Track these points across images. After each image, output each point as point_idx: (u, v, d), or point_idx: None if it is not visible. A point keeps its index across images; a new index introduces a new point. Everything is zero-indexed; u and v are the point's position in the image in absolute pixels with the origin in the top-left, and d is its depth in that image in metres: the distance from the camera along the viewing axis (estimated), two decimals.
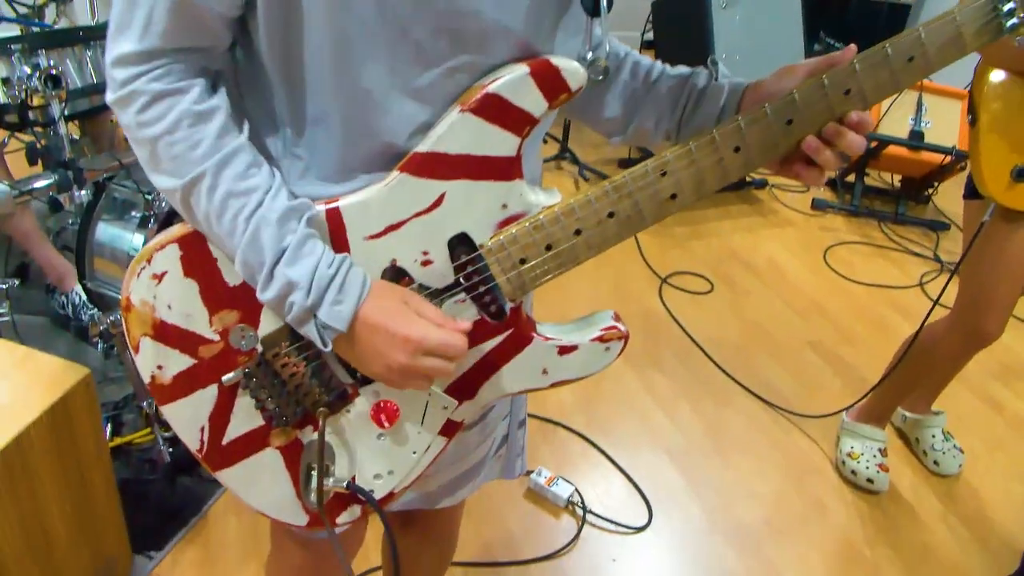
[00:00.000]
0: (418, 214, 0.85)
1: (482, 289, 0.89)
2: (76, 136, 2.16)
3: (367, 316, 0.82)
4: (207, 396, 0.92)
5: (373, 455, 0.97)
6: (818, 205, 3.73)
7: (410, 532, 1.37)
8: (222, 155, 0.79)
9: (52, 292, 2.44)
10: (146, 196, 1.83)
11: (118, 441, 2.00)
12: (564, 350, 0.94)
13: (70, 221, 2.12)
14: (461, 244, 0.87)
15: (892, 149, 3.48)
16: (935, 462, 2.30)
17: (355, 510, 1.00)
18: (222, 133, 0.80)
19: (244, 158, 0.81)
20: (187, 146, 0.79)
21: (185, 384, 0.91)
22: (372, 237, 0.86)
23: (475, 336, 0.90)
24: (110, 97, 0.80)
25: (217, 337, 0.89)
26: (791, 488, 2.22)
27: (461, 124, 0.82)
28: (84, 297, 2.28)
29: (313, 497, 0.93)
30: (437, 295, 0.89)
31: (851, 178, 3.82)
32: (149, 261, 0.87)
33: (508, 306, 0.91)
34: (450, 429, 0.97)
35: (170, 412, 0.93)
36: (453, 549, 1.47)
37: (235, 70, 0.87)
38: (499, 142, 0.83)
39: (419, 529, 1.37)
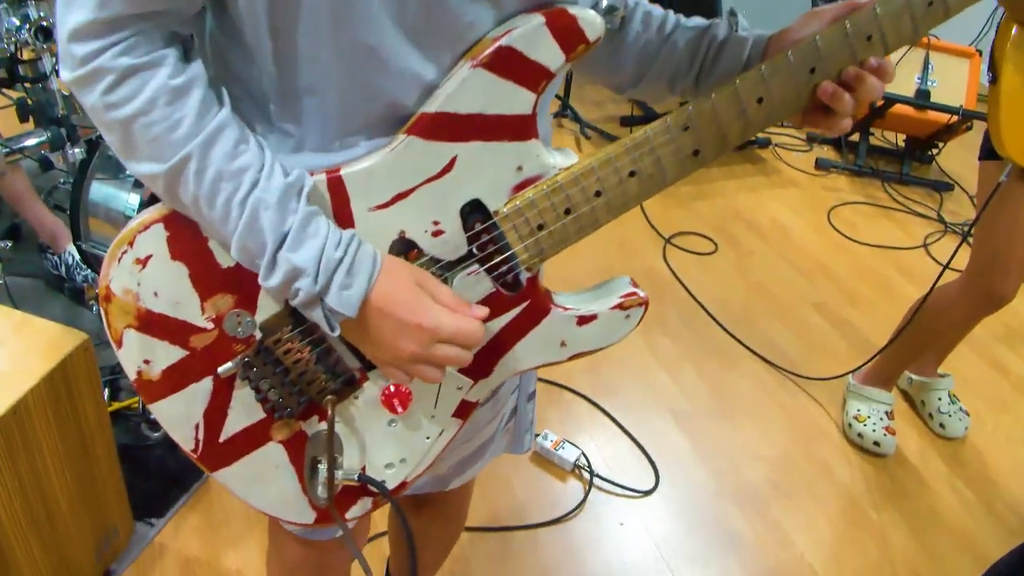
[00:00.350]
0: (428, 180, 0.79)
1: (497, 259, 0.84)
2: (66, 92, 2.08)
3: (377, 300, 0.76)
4: (201, 390, 0.85)
5: (384, 443, 0.91)
6: (822, 165, 3.68)
7: (422, 514, 1.33)
8: (207, 133, 0.71)
9: (44, 252, 2.38)
10: None
11: (116, 406, 1.96)
12: (583, 320, 0.89)
13: (61, 180, 2.06)
14: (474, 211, 0.82)
15: (898, 108, 3.42)
16: (941, 425, 2.29)
17: (366, 503, 0.95)
18: (203, 109, 0.71)
19: (231, 134, 0.72)
20: (166, 127, 0.70)
21: (176, 378, 0.84)
22: (378, 207, 0.79)
23: (491, 311, 0.85)
24: (67, 76, 0.70)
25: (211, 325, 0.82)
26: (797, 451, 2.21)
27: (473, 81, 0.76)
28: (78, 258, 2.22)
29: (321, 491, 0.88)
30: (449, 268, 0.83)
31: (855, 137, 3.76)
32: (131, 244, 0.79)
33: (525, 276, 0.86)
34: (464, 411, 0.92)
35: (160, 410, 0.85)
36: (463, 524, 1.45)
37: (204, 42, 0.78)
38: (513, 99, 0.77)
39: (430, 510, 1.33)
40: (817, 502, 2.06)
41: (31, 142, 1.59)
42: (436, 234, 0.81)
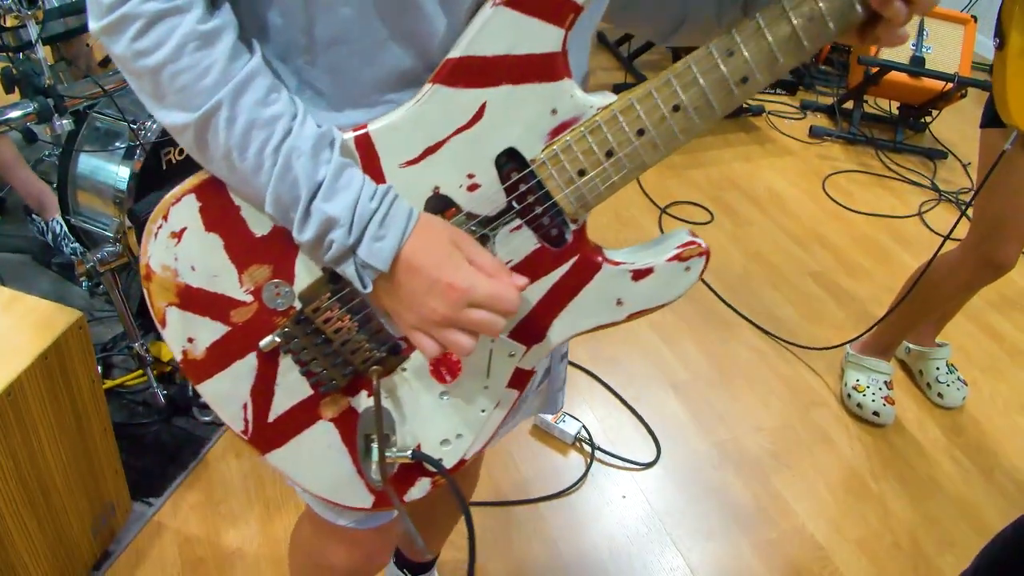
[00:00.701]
0: (458, 131, 0.75)
1: (539, 210, 0.79)
2: (51, 61, 2.02)
3: (409, 256, 0.73)
4: (246, 367, 0.82)
5: (438, 417, 0.87)
6: (816, 133, 3.65)
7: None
8: (238, 80, 0.69)
9: (30, 216, 2.32)
10: (131, 125, 1.72)
11: (109, 384, 1.92)
12: (639, 275, 0.83)
13: (47, 152, 2.01)
14: (510, 161, 0.77)
15: (892, 75, 3.39)
16: (939, 394, 2.29)
17: (425, 483, 0.91)
18: (234, 55, 0.69)
19: (262, 82, 0.70)
20: (196, 74, 0.68)
21: (220, 356, 0.82)
22: (409, 163, 0.76)
23: (537, 269, 0.81)
24: (95, 26, 0.68)
25: (250, 298, 0.80)
26: (797, 421, 2.21)
27: (496, 20, 0.71)
28: (65, 228, 2.17)
29: (375, 472, 0.85)
30: (489, 223, 0.79)
31: (849, 105, 3.74)
32: (166, 218, 0.77)
33: (570, 229, 0.81)
34: (520, 380, 0.88)
35: (208, 390, 0.84)
36: (475, 487, 1.43)
37: None
38: (540, 36, 0.72)
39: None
40: (817, 471, 2.06)
41: (16, 114, 1.53)
42: (472, 188, 0.77)
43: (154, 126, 1.75)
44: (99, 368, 1.91)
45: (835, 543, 1.89)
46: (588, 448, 2.01)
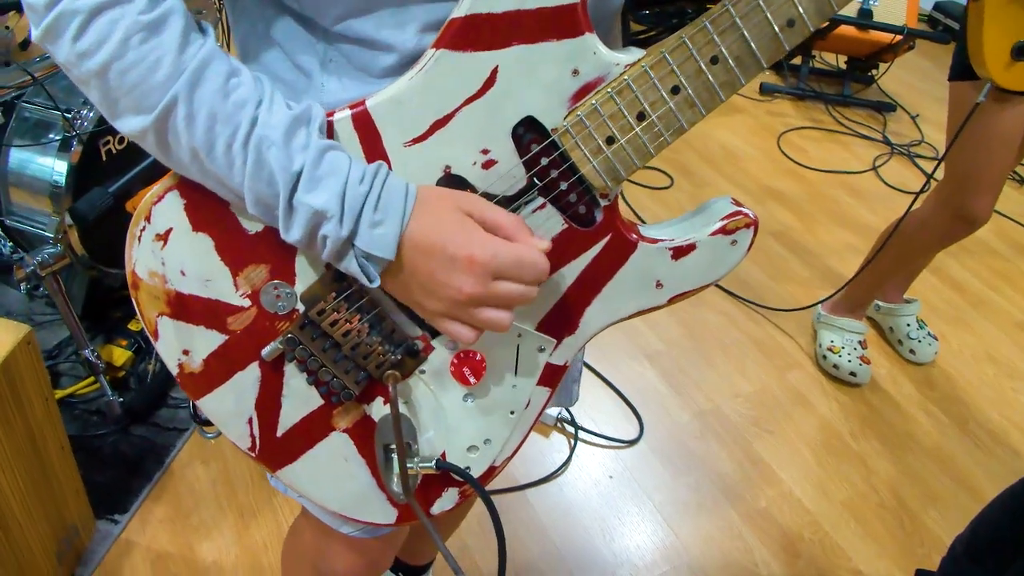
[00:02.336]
0: (468, 101, 0.66)
1: (564, 185, 0.71)
2: None
3: (416, 236, 0.65)
4: (249, 379, 0.75)
5: (462, 422, 0.80)
6: (766, 89, 3.63)
7: None
8: (191, 70, 0.60)
9: None
10: (64, 114, 1.57)
11: (59, 394, 1.79)
12: (680, 252, 0.75)
13: None
14: (529, 131, 0.68)
15: (841, 29, 3.38)
16: (911, 351, 2.29)
17: (452, 494, 0.84)
18: (184, 42, 0.60)
19: (219, 67, 0.62)
20: (144, 70, 0.59)
21: (220, 368, 0.74)
22: (415, 141, 0.67)
23: (565, 252, 0.72)
24: (36, 33, 0.60)
25: (247, 302, 0.72)
26: (774, 384, 2.19)
27: None
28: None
29: (397, 486, 0.77)
30: (508, 204, 0.71)
31: (797, 60, 3.72)
32: (148, 219, 0.69)
33: (600, 206, 0.73)
34: (552, 376, 0.80)
35: (209, 406, 0.76)
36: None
37: None
38: None
39: None
40: (798, 435, 2.05)
41: None
42: (487, 165, 0.69)
43: (90, 115, 1.60)
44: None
45: (822, 507, 1.88)
46: (571, 429, 1.95)
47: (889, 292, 2.33)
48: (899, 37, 3.31)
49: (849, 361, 2.17)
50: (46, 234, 1.63)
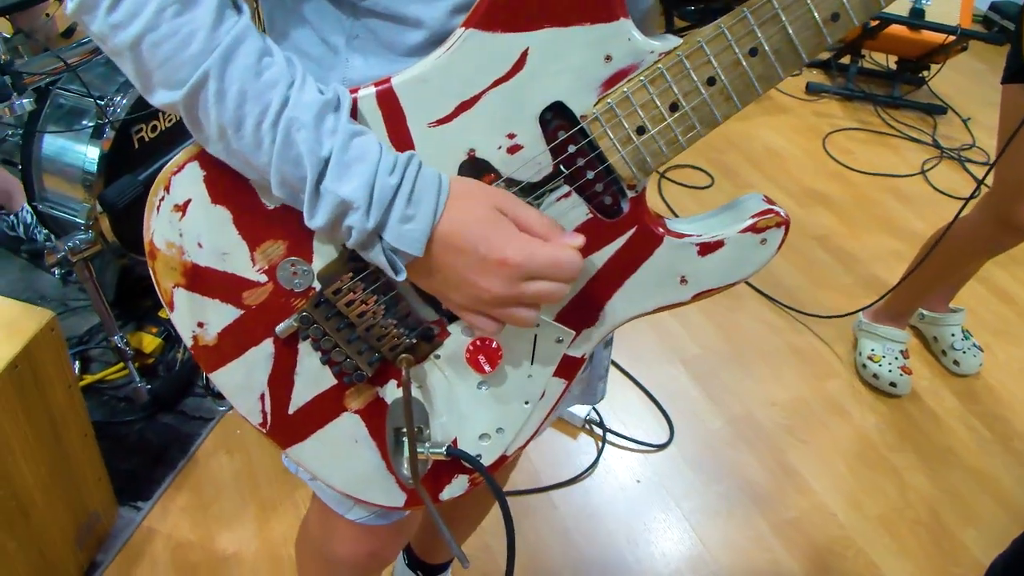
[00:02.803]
0: (496, 83, 0.65)
1: (591, 174, 0.69)
2: (7, 35, 1.86)
3: (447, 235, 0.63)
4: (262, 354, 0.75)
5: (475, 410, 0.79)
6: (812, 89, 3.54)
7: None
8: (224, 47, 0.59)
9: None
10: (97, 101, 1.58)
11: (88, 380, 1.80)
12: (706, 248, 0.73)
13: (10, 132, 1.86)
14: (557, 117, 0.67)
15: (891, 28, 3.28)
16: (955, 362, 2.21)
17: (462, 481, 0.83)
18: (219, 18, 0.60)
19: (252, 45, 0.61)
20: (177, 43, 0.59)
21: (234, 342, 0.74)
22: (440, 122, 0.66)
23: (589, 243, 0.70)
24: (71, 7, 0.60)
25: (264, 278, 0.71)
26: (810, 393, 2.13)
27: None
28: (34, 216, 2.03)
29: (406, 469, 0.76)
30: (532, 191, 0.69)
31: (846, 59, 3.62)
32: (167, 189, 0.69)
33: (627, 197, 0.71)
34: (568, 368, 0.78)
35: (221, 380, 0.76)
36: (508, 477, 1.35)
37: None
38: None
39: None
40: (833, 445, 1.99)
41: None
42: (513, 150, 0.67)
43: (123, 102, 1.60)
44: (77, 363, 1.80)
45: (856, 521, 1.82)
46: (599, 431, 1.92)
47: (934, 301, 2.25)
48: (952, 38, 3.20)
49: (889, 371, 2.10)
50: (78, 220, 1.64)
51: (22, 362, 1.20)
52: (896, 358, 2.13)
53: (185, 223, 0.70)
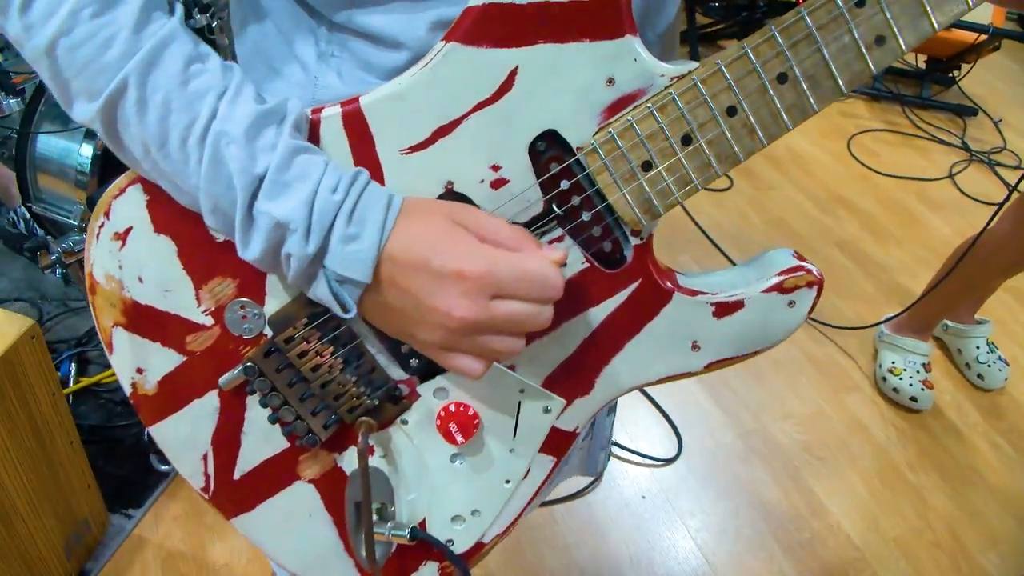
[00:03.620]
0: (479, 105, 0.56)
1: (587, 216, 0.60)
2: None
3: (398, 253, 0.54)
4: (206, 408, 0.66)
5: (449, 487, 0.69)
6: None
7: None
8: (147, 51, 0.52)
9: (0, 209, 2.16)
10: None
11: (85, 382, 1.77)
12: (723, 309, 0.63)
13: (12, 130, 1.84)
14: (550, 148, 0.58)
15: None
16: (979, 376, 2.13)
17: (431, 569, 0.74)
18: (143, 19, 0.52)
19: (179, 49, 0.53)
20: (95, 47, 0.52)
21: (175, 393, 0.66)
22: (413, 149, 0.58)
23: (584, 296, 0.62)
24: None
25: (210, 320, 0.64)
26: (828, 407, 2.05)
27: None
28: (28, 215, 2.00)
29: (365, 551, 0.68)
30: None
31: None
32: (107, 215, 0.61)
33: (630, 244, 0.62)
34: (559, 443, 0.68)
35: (161, 434, 0.68)
36: None
37: None
38: None
39: None
40: (851, 463, 1.91)
41: None
42: (497, 184, 0.59)
43: None
44: (74, 366, 1.77)
45: (872, 542, 1.75)
46: None
47: (960, 311, 2.16)
48: (984, 37, 3.10)
49: (911, 385, 2.02)
50: (72, 222, 1.61)
51: (2, 369, 1.17)
52: (918, 371, 2.05)
53: (125, 254, 0.62)
